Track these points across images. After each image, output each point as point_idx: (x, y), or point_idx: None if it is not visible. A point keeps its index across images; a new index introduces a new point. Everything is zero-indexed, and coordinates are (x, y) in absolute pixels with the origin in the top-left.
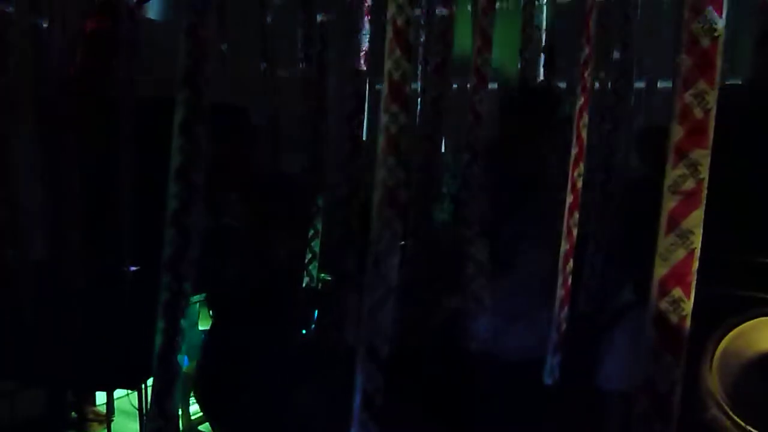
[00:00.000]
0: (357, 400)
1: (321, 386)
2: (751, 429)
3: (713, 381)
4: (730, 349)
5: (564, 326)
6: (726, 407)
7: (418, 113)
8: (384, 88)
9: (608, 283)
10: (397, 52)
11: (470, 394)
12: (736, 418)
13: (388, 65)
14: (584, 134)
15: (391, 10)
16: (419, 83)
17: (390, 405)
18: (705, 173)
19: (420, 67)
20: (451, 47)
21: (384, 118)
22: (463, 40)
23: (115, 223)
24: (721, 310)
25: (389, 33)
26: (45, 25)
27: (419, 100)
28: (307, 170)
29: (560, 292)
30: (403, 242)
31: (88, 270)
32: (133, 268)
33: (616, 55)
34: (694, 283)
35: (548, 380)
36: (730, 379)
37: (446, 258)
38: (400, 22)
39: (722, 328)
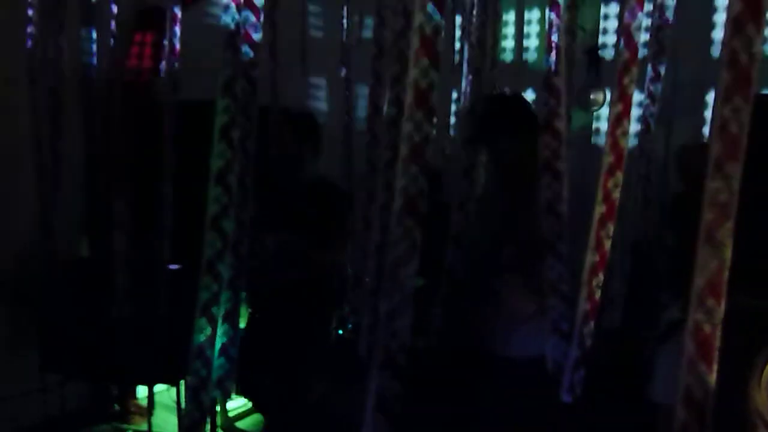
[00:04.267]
0: (370, 404)
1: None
2: None
3: (762, 399)
4: None
5: (588, 342)
6: None
7: None
8: (409, 95)
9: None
10: (425, 60)
11: None
12: None
13: (414, 73)
14: (623, 143)
15: (418, 17)
16: None
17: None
18: (737, 186)
19: None
20: None
21: (407, 126)
22: None
23: (158, 222)
24: None
25: (415, 41)
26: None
27: None
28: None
29: (584, 306)
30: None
31: (130, 268)
32: (174, 267)
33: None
34: (725, 292)
35: (567, 398)
36: None
37: None
38: (428, 29)
39: None
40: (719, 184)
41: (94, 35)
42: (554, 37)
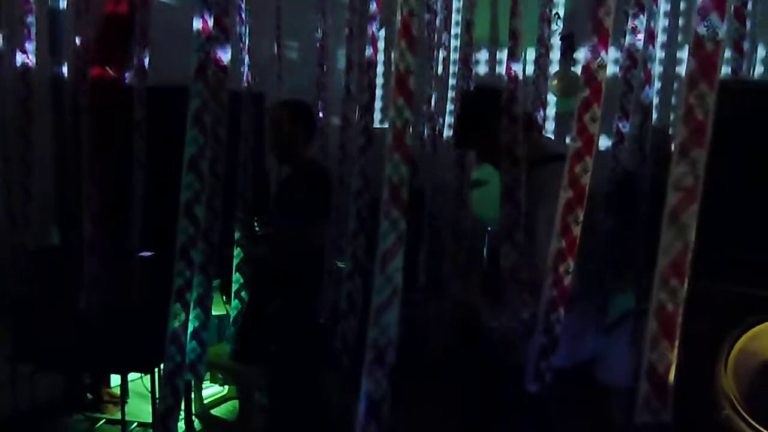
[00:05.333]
0: (362, 405)
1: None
2: (765, 431)
3: (728, 381)
4: (746, 349)
5: (557, 329)
6: (740, 408)
7: None
8: (391, 80)
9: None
10: (403, 44)
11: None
12: (750, 419)
13: (394, 58)
14: (592, 128)
15: (398, 1)
16: None
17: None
18: (702, 170)
19: None
20: None
21: (390, 113)
22: None
23: (130, 209)
24: (737, 310)
25: (397, 25)
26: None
27: None
28: None
29: (550, 293)
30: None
31: (102, 255)
32: (146, 254)
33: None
34: (688, 273)
35: (532, 386)
36: (745, 379)
37: None
38: (404, 11)
39: (738, 329)
40: (684, 168)
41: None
42: (514, 23)
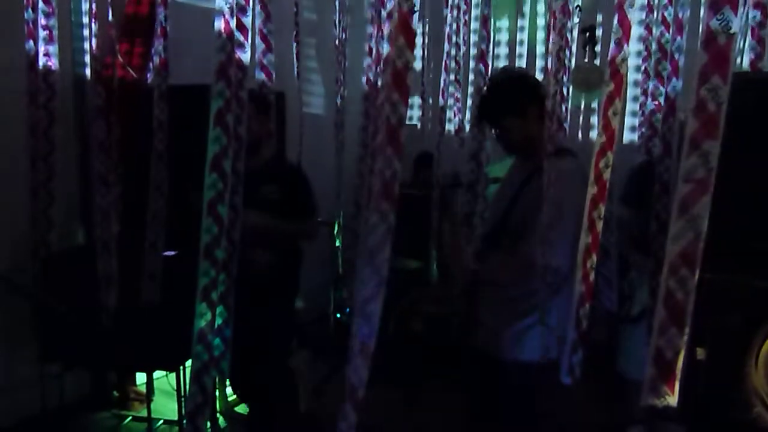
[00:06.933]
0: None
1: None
2: None
3: (759, 378)
4: None
5: (585, 324)
6: None
7: None
8: (387, 75)
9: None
10: (401, 40)
11: None
12: None
13: (392, 53)
14: (614, 123)
15: None
16: None
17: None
18: (715, 162)
19: None
20: None
21: (386, 109)
22: None
23: (153, 209)
24: (767, 304)
25: (393, 19)
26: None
27: None
28: None
29: (580, 288)
30: None
31: (126, 255)
32: (171, 253)
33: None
34: (699, 263)
35: (566, 380)
36: None
37: None
38: (404, 7)
39: None
40: (696, 160)
41: (85, 20)
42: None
